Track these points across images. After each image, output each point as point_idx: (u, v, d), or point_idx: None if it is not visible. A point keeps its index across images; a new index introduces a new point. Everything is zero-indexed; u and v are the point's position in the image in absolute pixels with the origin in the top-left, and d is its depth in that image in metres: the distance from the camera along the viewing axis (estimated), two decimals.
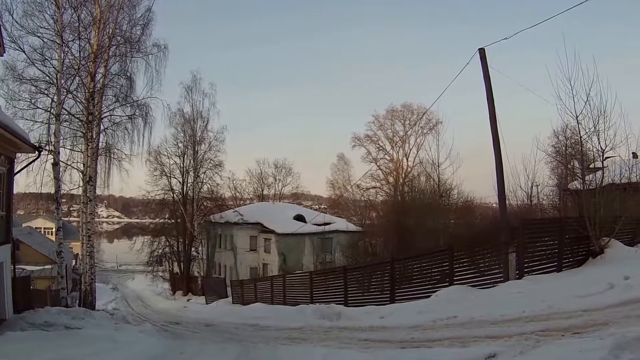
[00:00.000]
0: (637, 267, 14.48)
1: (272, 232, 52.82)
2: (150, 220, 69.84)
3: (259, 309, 22.76)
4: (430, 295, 17.65)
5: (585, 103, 18.76)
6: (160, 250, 60.74)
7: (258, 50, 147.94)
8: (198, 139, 58.20)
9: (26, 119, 29.61)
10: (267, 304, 28.82)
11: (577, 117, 19.06)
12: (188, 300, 49.39)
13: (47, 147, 27.80)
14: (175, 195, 58.80)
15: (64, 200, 32.05)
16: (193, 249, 59.61)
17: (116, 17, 32.27)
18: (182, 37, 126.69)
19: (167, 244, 60.52)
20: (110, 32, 32.10)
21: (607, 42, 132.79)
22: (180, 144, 58.42)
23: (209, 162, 59.40)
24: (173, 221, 60.44)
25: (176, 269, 60.81)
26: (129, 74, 33.82)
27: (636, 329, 7.90)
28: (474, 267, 19.13)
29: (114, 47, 32.60)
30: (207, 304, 42.86)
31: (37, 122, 30.25)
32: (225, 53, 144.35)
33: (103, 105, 33.20)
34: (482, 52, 18.91)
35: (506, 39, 19.06)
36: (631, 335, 7.57)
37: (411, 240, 35.35)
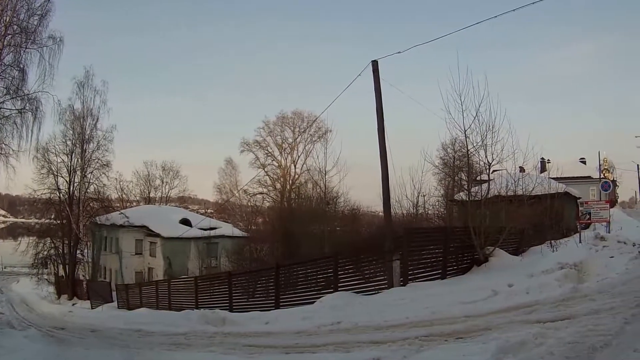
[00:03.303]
0: (521, 275, 15.08)
1: (158, 235, 51.73)
2: (36, 221, 66.59)
3: (144, 314, 22.30)
4: (315, 301, 17.70)
5: (475, 118, 19.44)
6: (45, 252, 57.91)
7: (151, 52, 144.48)
8: (87, 137, 55.59)
9: None
10: (153, 309, 28.43)
11: (465, 131, 19.70)
12: (73, 304, 47.41)
13: None
14: (61, 195, 56.25)
15: None
16: (78, 252, 56.92)
17: (15, 5, 30.64)
18: (78, 28, 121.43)
19: (53, 245, 57.73)
20: (8, 20, 30.43)
21: (500, 60, 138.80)
22: (69, 142, 55.54)
23: (97, 162, 56.85)
24: (59, 222, 57.63)
25: (62, 272, 58.36)
26: (22, 66, 32.06)
27: (519, 334, 8.17)
28: (358, 274, 19.31)
29: (10, 36, 30.97)
30: (92, 308, 41.33)
31: None
32: (119, 50, 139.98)
33: None
34: (374, 64, 19.09)
35: (399, 52, 19.40)
36: (514, 339, 7.82)
37: (297, 246, 35.53)
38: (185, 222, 54.39)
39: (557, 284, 12.84)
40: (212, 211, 79.89)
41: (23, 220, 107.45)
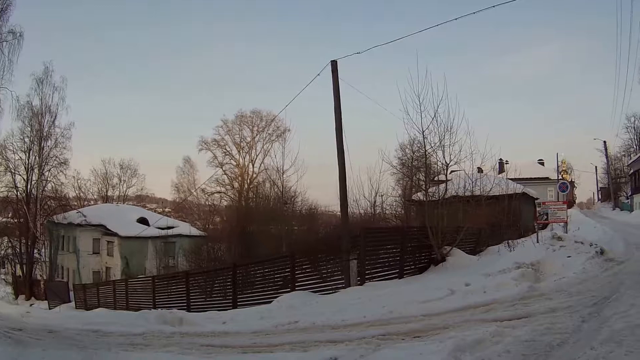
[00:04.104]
0: (478, 274, 15.24)
1: (115, 234, 51.48)
2: None
3: (102, 315, 21.96)
4: (272, 301, 17.63)
5: (433, 119, 19.68)
6: (2, 252, 57.07)
7: (110, 49, 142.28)
8: (45, 134, 54.67)
9: None
10: (110, 309, 28.15)
11: (423, 132, 19.90)
12: (31, 305, 46.43)
13: None
14: (19, 194, 55.25)
15: None
16: (36, 251, 56.06)
17: None
18: (38, 25, 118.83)
19: (10, 245, 56.78)
20: None
21: (461, 62, 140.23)
22: (26, 139, 54.56)
23: (55, 160, 56.07)
24: (16, 221, 56.79)
25: (19, 272, 57.33)
26: None
27: (475, 333, 8.18)
28: (316, 273, 19.35)
29: None
30: (50, 309, 40.63)
31: None
32: (78, 47, 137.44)
33: None
34: (334, 64, 19.05)
35: (359, 53, 19.50)
36: (470, 338, 7.81)
37: (255, 246, 35.48)
38: (143, 221, 54.05)
39: (514, 283, 12.97)
40: (169, 210, 79.16)
41: None
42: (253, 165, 76.80)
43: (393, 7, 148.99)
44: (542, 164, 78.32)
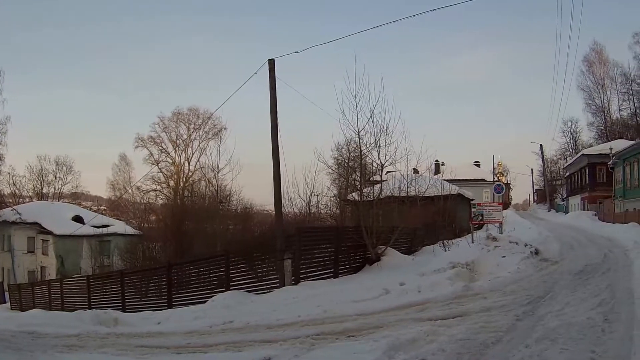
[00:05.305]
0: (413, 274, 15.39)
1: (50, 233, 50.30)
2: None
3: (38, 315, 21.40)
4: (207, 301, 17.43)
5: (369, 119, 19.75)
6: None
7: (47, 44, 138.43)
8: None
9: None
10: (46, 309, 27.41)
11: (359, 132, 19.94)
12: None
13: None
14: None
15: None
16: None
17: None
18: None
19: None
20: None
21: (400, 64, 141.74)
22: None
23: None
24: None
25: None
26: None
27: (410, 332, 8.23)
28: (251, 273, 19.27)
29: None
30: None
31: None
32: (15, 40, 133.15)
33: None
34: (271, 63, 18.94)
35: (297, 52, 19.49)
36: (404, 337, 7.84)
37: (190, 245, 35.23)
38: (78, 219, 53.06)
39: (449, 283, 13.10)
40: (105, 208, 77.81)
41: None
42: (189, 163, 76.01)
43: (335, 7, 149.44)
44: (479, 165, 79.92)
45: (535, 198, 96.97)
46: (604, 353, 6.69)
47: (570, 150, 78.41)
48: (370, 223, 19.87)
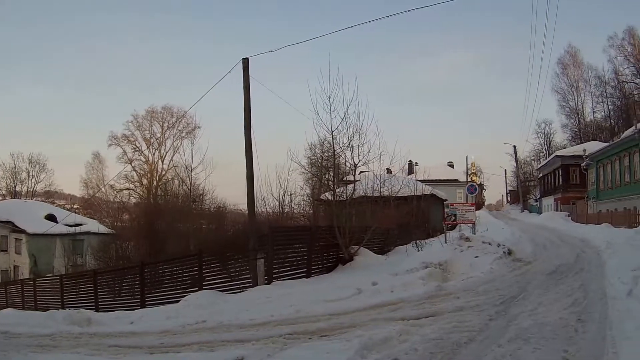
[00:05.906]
0: (386, 273, 15.46)
1: (23, 232, 49.89)
2: None
3: (10, 315, 21.18)
4: (180, 300, 17.37)
5: (343, 119, 19.80)
6: None
7: (21, 41, 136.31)
8: None
9: None
10: (19, 309, 27.04)
11: (332, 132, 19.97)
12: None
13: None
14: None
15: None
16: None
17: None
18: None
19: None
20: None
21: (375, 65, 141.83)
22: None
23: None
24: None
25: None
26: None
27: (382, 331, 8.23)
28: (224, 273, 19.28)
29: None
30: None
31: None
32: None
33: None
34: (245, 62, 18.91)
35: (271, 51, 19.39)
36: (377, 336, 7.85)
37: (163, 244, 34.98)
38: (51, 217, 52.26)
39: (422, 283, 13.17)
40: (78, 207, 77.14)
41: None
42: (162, 162, 75.92)
43: (310, 6, 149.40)
44: (452, 166, 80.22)
45: (509, 199, 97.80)
46: (576, 352, 6.75)
47: (544, 151, 79.43)
48: (344, 223, 19.93)
